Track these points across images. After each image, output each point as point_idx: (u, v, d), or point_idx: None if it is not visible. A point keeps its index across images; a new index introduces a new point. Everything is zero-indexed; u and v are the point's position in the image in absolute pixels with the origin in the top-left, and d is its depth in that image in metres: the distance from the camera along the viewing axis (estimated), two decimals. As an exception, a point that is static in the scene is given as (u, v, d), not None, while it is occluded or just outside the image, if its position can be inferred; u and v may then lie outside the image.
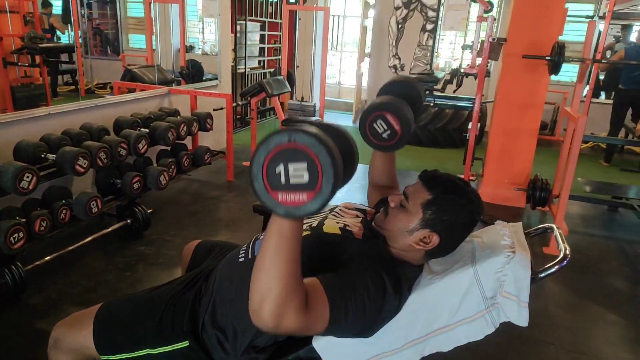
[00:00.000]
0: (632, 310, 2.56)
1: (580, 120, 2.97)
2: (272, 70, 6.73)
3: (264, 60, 6.92)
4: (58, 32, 5.43)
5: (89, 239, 2.73)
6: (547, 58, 3.37)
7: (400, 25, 7.39)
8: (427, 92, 3.79)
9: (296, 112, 4.72)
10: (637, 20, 5.58)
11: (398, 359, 1.13)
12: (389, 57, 7.68)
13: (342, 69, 8.91)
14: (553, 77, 3.66)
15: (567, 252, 1.07)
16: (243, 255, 1.23)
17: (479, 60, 3.78)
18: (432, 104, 3.87)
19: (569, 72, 6.17)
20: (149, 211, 3.02)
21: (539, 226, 1.26)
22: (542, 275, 1.03)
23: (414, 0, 7.15)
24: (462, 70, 4.09)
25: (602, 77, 6.47)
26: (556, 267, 1.04)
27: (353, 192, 3.72)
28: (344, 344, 1.13)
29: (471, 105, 3.89)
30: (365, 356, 1.15)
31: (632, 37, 5.95)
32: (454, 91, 5.07)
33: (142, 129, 3.23)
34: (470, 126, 3.86)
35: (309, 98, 7.81)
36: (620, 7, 4.07)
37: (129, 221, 2.95)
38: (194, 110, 4.06)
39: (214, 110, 4.12)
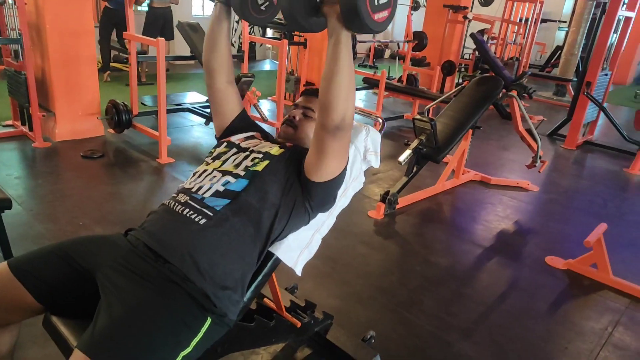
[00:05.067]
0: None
1: (160, 43, 3.36)
2: None
3: None
4: None
5: None
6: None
7: None
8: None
9: None
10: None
11: (325, 229, 1.54)
12: None
13: None
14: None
15: (382, 120, 1.73)
16: (199, 218, 1.19)
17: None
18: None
19: None
20: None
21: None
22: (381, 134, 1.66)
23: None
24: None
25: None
26: (382, 131, 1.69)
27: None
28: (291, 241, 1.42)
29: None
30: (307, 239, 1.48)
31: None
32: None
33: None
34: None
35: None
36: None
37: None
38: None
39: None
